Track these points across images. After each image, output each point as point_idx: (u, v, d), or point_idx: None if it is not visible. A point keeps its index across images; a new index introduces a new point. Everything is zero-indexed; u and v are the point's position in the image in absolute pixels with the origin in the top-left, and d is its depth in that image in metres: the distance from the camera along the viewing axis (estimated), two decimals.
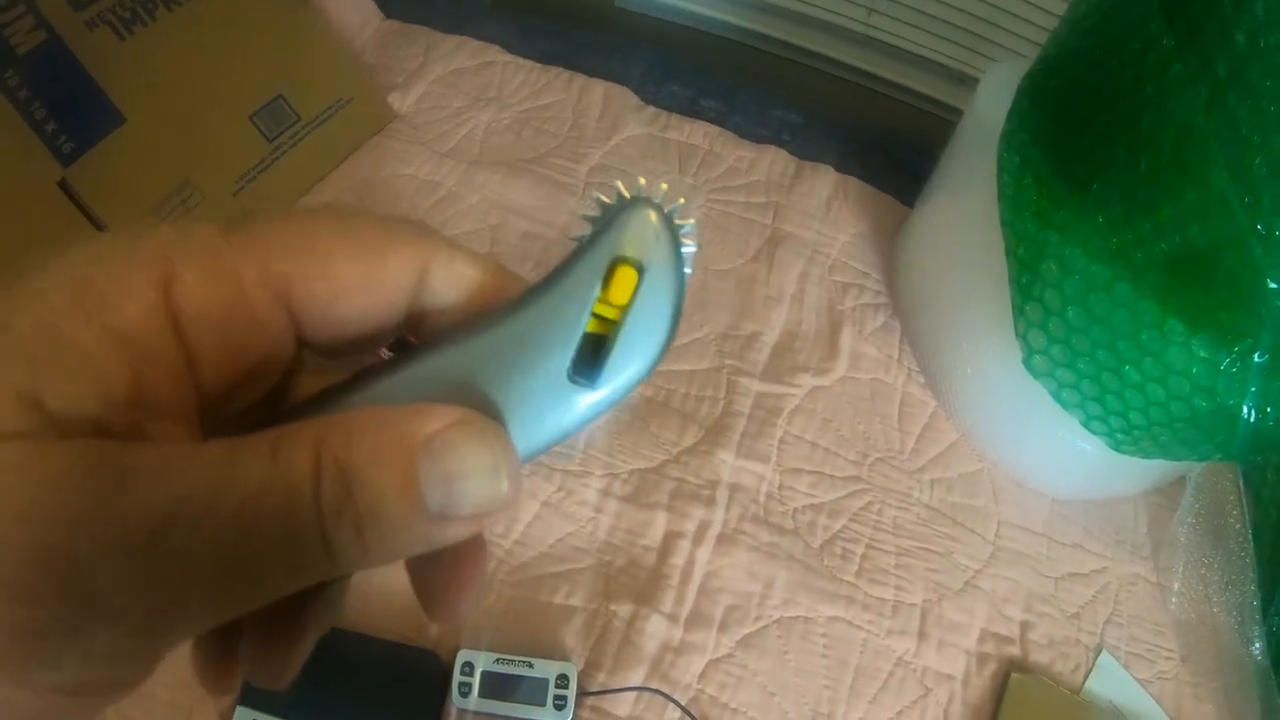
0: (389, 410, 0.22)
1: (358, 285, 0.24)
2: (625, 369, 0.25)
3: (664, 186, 0.25)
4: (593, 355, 0.25)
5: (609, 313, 0.24)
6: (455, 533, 0.22)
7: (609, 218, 0.25)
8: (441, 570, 0.26)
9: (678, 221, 0.25)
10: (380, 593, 0.72)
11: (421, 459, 0.21)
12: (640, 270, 0.24)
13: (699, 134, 1.13)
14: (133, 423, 0.21)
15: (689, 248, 0.25)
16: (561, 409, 0.24)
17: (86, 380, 0.20)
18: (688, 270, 0.25)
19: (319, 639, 0.27)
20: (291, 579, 0.21)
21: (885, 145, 1.19)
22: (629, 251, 0.24)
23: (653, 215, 0.24)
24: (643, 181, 0.25)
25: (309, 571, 0.21)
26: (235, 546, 0.20)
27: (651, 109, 1.15)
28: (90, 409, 0.20)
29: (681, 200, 0.25)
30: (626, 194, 0.25)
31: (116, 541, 0.19)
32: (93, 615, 0.19)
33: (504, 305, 0.25)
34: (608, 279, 0.24)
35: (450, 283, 0.25)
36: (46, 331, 0.20)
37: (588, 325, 0.24)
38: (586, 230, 0.25)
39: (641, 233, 0.24)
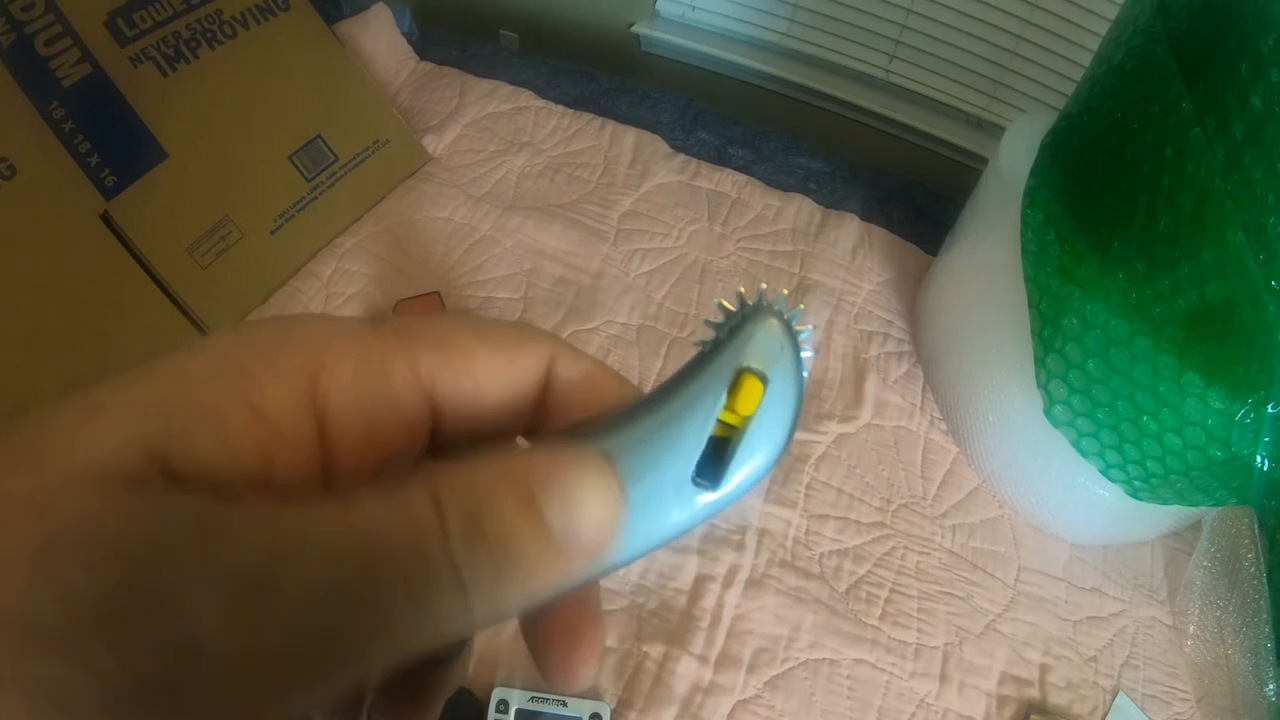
0: (499, 452, 0.22)
1: (497, 379, 0.25)
2: (745, 471, 0.25)
3: (784, 292, 0.26)
4: (714, 458, 0.25)
5: (732, 419, 0.25)
6: (579, 564, 0.22)
7: (733, 326, 0.25)
8: (559, 636, 0.26)
9: (796, 327, 0.25)
10: None
11: (539, 487, 0.21)
12: (764, 380, 0.24)
13: (727, 182, 1.16)
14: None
15: (807, 353, 0.25)
16: (683, 508, 0.24)
17: (216, 444, 0.20)
18: (805, 374, 0.25)
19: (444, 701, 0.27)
20: (423, 625, 0.20)
21: (908, 191, 1.21)
22: (754, 363, 0.24)
23: (777, 326, 0.25)
24: (764, 286, 0.25)
25: (442, 614, 0.20)
26: (355, 589, 0.19)
27: (681, 157, 1.18)
28: (214, 473, 0.20)
29: (801, 306, 0.27)
30: (750, 302, 0.25)
31: (218, 580, 0.18)
32: (191, 670, 0.17)
33: (630, 407, 0.25)
34: (733, 388, 0.24)
35: (570, 378, 0.26)
36: (184, 396, 0.20)
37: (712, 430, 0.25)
38: (709, 335, 0.25)
39: (766, 344, 0.25)
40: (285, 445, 0.21)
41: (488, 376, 0.25)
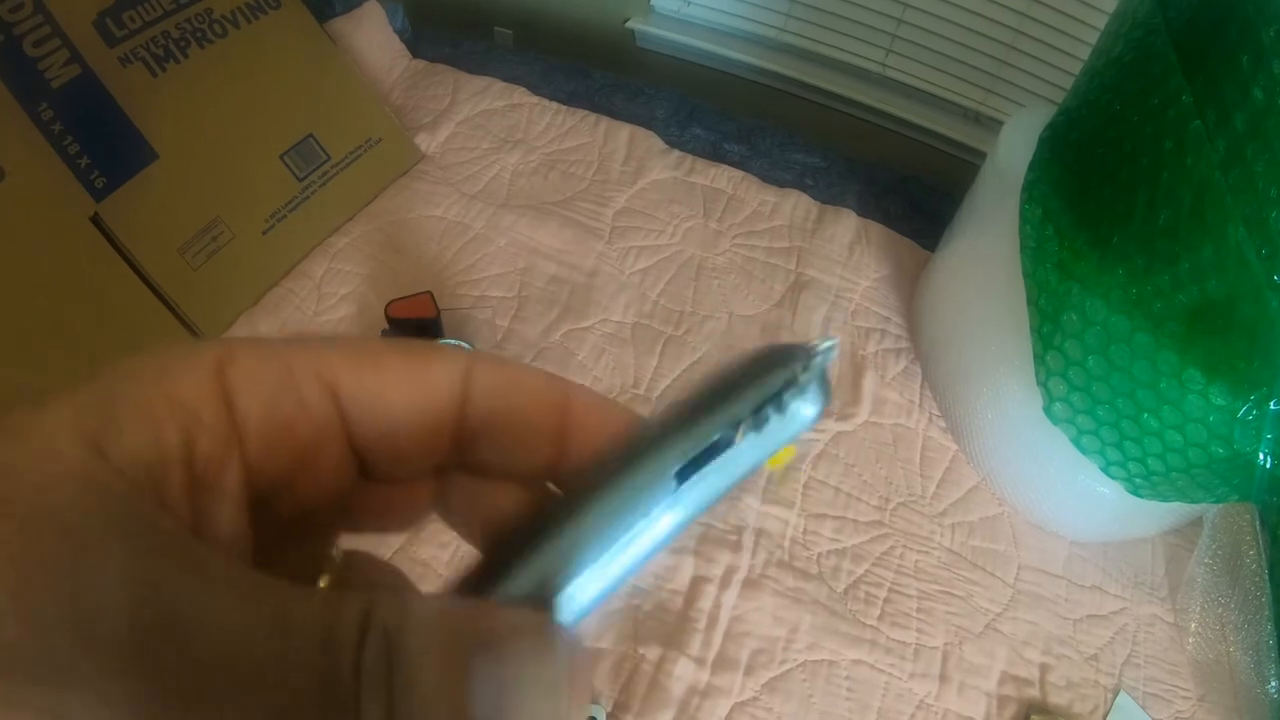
0: (455, 600, 0.22)
1: (405, 385, 0.24)
2: None
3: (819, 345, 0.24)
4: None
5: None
6: None
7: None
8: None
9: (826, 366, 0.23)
10: None
11: (478, 658, 0.19)
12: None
13: (723, 178, 1.15)
14: (184, 484, 0.21)
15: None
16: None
17: (144, 432, 0.20)
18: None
19: None
20: None
21: (905, 187, 1.20)
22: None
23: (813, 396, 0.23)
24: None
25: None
26: (257, 682, 0.18)
27: (676, 153, 1.17)
28: (146, 459, 0.20)
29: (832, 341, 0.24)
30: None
31: (121, 618, 0.18)
32: (79, 674, 0.17)
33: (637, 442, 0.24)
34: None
35: (488, 384, 0.25)
36: (111, 392, 0.21)
37: None
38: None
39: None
40: (204, 431, 0.22)
41: (395, 381, 0.24)
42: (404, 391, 0.24)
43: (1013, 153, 0.88)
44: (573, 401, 0.26)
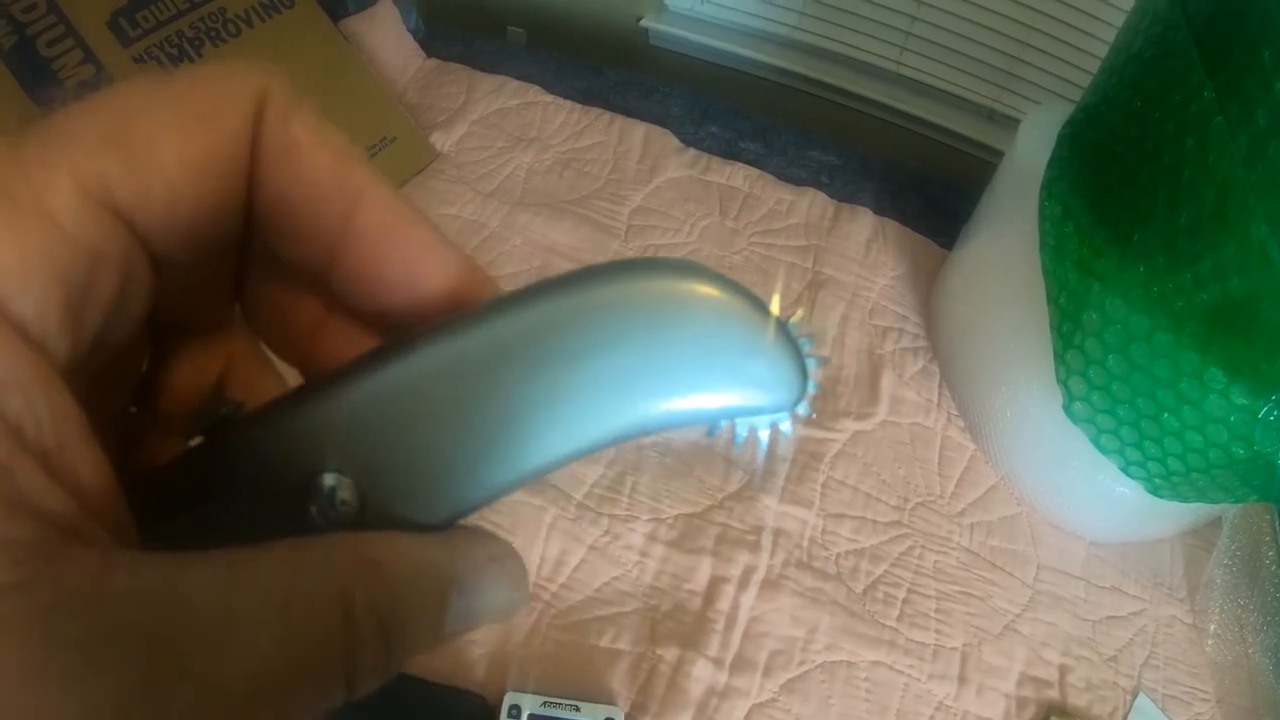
0: (424, 550, 0.20)
1: (188, 156, 0.18)
2: None
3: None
4: None
5: None
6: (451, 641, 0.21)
7: None
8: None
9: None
10: None
11: (453, 599, 0.20)
12: None
13: (739, 176, 1.15)
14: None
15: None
16: None
17: None
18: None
19: None
20: (294, 711, 0.17)
21: (921, 185, 1.20)
22: None
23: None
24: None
25: (317, 706, 0.18)
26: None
27: (692, 151, 1.17)
28: None
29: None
30: None
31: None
32: None
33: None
34: None
35: (279, 143, 0.20)
36: None
37: None
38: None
39: None
40: (12, 391, 0.16)
41: (178, 163, 0.18)
42: (191, 167, 0.18)
43: (1031, 150, 0.87)
44: (364, 196, 0.21)
